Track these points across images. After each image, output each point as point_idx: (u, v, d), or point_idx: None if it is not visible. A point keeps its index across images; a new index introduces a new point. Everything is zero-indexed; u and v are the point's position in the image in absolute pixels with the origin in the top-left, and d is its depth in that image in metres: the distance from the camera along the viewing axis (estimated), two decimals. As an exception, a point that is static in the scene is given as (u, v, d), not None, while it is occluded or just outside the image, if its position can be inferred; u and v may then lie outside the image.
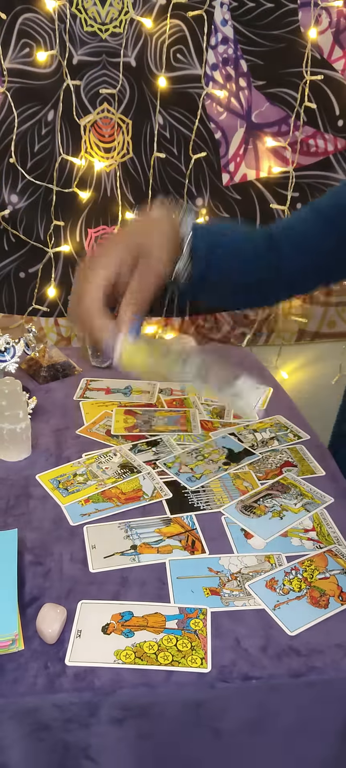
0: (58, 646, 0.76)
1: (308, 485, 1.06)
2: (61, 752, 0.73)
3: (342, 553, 0.92)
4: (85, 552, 0.91)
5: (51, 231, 1.82)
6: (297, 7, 1.71)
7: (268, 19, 1.71)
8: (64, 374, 1.45)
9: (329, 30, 1.74)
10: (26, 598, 0.83)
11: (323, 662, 0.75)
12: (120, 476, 1.08)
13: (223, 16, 1.71)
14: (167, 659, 0.75)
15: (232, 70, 1.76)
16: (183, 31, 1.70)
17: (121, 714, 0.72)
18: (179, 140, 1.79)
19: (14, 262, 1.84)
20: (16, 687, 0.72)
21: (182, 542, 0.93)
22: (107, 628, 0.78)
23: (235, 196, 1.86)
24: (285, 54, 1.75)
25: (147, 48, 1.71)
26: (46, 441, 1.19)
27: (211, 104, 1.77)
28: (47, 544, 0.93)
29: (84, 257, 0.95)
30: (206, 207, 1.85)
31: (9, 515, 0.99)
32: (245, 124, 1.80)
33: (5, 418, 1.11)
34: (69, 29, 1.67)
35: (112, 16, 1.68)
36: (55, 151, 1.76)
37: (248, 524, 0.97)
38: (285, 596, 0.84)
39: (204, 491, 1.05)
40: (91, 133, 1.77)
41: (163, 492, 1.03)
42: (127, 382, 1.42)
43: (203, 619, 0.80)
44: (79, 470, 1.11)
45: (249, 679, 0.74)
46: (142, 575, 0.87)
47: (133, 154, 1.80)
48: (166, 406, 1.32)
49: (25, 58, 1.68)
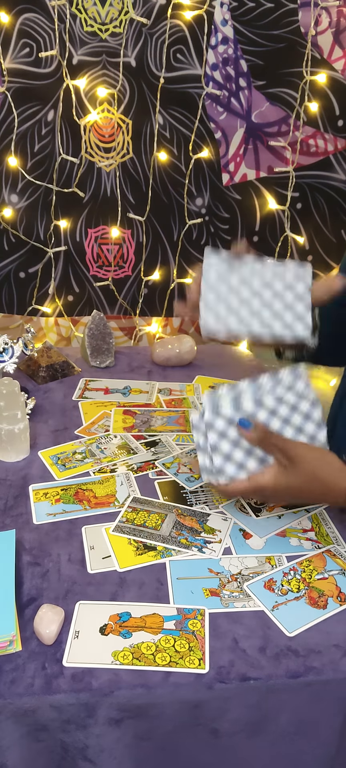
0: (56, 646, 0.76)
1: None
2: (59, 753, 0.72)
3: (341, 553, 0.92)
4: (84, 553, 0.91)
5: (51, 231, 1.82)
6: (297, 7, 1.71)
7: (268, 19, 1.71)
8: (62, 374, 1.45)
9: (329, 30, 1.74)
10: (24, 598, 0.83)
11: (321, 663, 0.75)
12: (116, 456, 1.12)
13: (223, 16, 1.71)
14: (165, 660, 0.74)
15: (232, 70, 1.75)
16: (183, 31, 1.70)
17: (118, 715, 0.72)
18: (179, 140, 1.79)
19: (14, 262, 1.84)
20: (14, 688, 0.71)
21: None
22: (105, 629, 0.78)
23: (235, 196, 1.86)
24: (285, 54, 1.75)
25: (147, 48, 1.70)
26: (45, 441, 1.19)
27: (211, 104, 1.77)
28: (45, 544, 0.93)
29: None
30: (205, 207, 1.85)
31: (7, 516, 0.99)
32: (245, 124, 1.80)
33: (3, 418, 1.11)
34: (69, 29, 1.67)
35: (112, 16, 1.68)
36: (55, 151, 1.76)
37: (247, 523, 0.97)
38: (284, 597, 0.84)
39: (203, 491, 1.05)
40: (91, 133, 1.77)
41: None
42: (126, 383, 1.42)
43: (201, 620, 0.80)
44: (79, 449, 1.14)
45: (247, 679, 0.74)
46: (141, 576, 0.87)
47: (133, 154, 1.79)
48: (165, 406, 1.32)
49: (25, 58, 1.68)
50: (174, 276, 1.89)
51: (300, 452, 0.87)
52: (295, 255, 1.91)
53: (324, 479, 0.88)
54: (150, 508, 1.00)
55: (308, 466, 0.87)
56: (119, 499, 1.02)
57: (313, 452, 0.88)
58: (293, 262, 0.94)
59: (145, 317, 1.94)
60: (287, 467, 0.87)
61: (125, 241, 1.87)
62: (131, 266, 1.90)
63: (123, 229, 1.85)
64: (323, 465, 0.88)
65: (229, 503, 1.02)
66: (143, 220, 1.84)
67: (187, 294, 0.95)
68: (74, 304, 1.91)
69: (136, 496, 1.03)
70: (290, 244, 1.90)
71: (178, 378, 1.46)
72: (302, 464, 0.86)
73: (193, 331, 1.97)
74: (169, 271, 1.90)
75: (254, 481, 0.88)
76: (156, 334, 1.95)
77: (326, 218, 1.90)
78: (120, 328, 1.95)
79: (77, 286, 1.89)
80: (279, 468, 0.87)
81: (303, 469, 0.87)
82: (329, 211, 1.89)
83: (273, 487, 0.87)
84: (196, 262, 1.90)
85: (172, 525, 0.96)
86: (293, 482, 0.87)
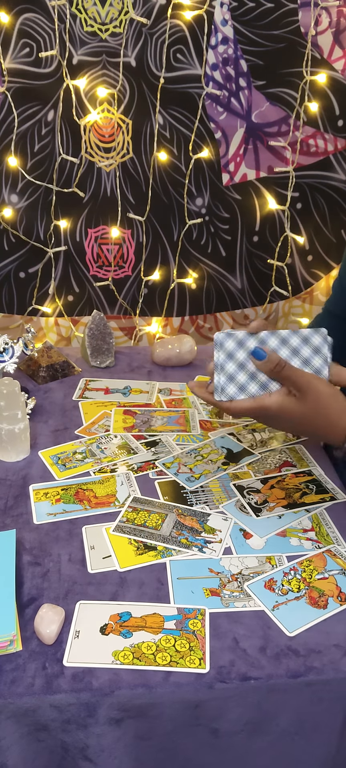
0: (57, 646, 0.76)
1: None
2: (60, 753, 0.72)
3: (341, 553, 0.92)
4: (84, 552, 0.91)
5: (51, 231, 1.82)
6: (297, 7, 1.71)
7: (268, 19, 1.71)
8: (63, 374, 1.45)
9: (329, 30, 1.74)
10: (24, 598, 0.83)
11: (321, 663, 0.75)
12: (116, 455, 1.12)
13: (223, 16, 1.71)
14: (166, 660, 0.74)
15: (232, 70, 1.75)
16: (183, 31, 1.70)
17: (119, 715, 0.72)
18: (179, 140, 1.79)
19: (14, 262, 1.84)
20: (14, 688, 0.71)
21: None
22: (105, 629, 0.78)
23: (235, 196, 1.86)
24: (285, 54, 1.74)
25: (147, 48, 1.70)
26: (45, 441, 1.19)
27: (211, 104, 1.77)
28: (46, 544, 0.93)
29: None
30: (205, 207, 1.85)
31: (7, 516, 0.99)
32: (245, 124, 1.80)
33: (4, 418, 1.11)
34: (69, 29, 1.67)
35: (112, 16, 1.68)
36: (55, 151, 1.76)
37: (247, 523, 0.97)
38: (284, 597, 0.84)
39: (203, 491, 1.05)
40: (91, 133, 1.77)
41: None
42: (126, 383, 1.42)
43: (201, 620, 0.80)
44: (79, 449, 1.14)
45: (248, 679, 0.74)
46: (142, 576, 0.87)
47: (133, 154, 1.79)
48: (165, 406, 1.32)
49: (25, 58, 1.68)
50: (174, 276, 1.89)
51: (311, 384, 0.87)
52: (295, 255, 1.91)
53: (329, 415, 0.89)
54: (150, 508, 1.00)
55: (317, 398, 0.88)
56: (119, 499, 1.02)
57: (324, 386, 0.89)
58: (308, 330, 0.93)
59: (145, 317, 1.94)
60: (296, 396, 0.88)
61: (125, 241, 1.87)
62: (131, 266, 1.89)
63: (123, 229, 1.85)
64: (332, 401, 0.89)
65: (229, 503, 1.02)
66: (143, 220, 1.84)
67: (206, 368, 0.95)
68: (74, 304, 1.91)
69: (137, 496, 1.03)
70: (290, 244, 1.90)
71: (178, 378, 1.46)
72: (312, 395, 0.88)
73: (193, 331, 1.97)
74: (169, 271, 1.90)
75: (260, 402, 0.89)
76: (156, 334, 1.95)
77: (326, 218, 1.90)
78: (120, 328, 1.95)
79: (77, 286, 1.89)
80: (288, 395, 0.88)
81: (312, 400, 0.88)
82: (329, 211, 1.89)
83: (277, 411, 0.89)
84: (196, 262, 1.90)
85: (172, 525, 0.96)
86: (298, 410, 0.88)
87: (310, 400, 0.88)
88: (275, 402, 0.88)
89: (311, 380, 0.88)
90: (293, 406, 0.88)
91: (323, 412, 0.89)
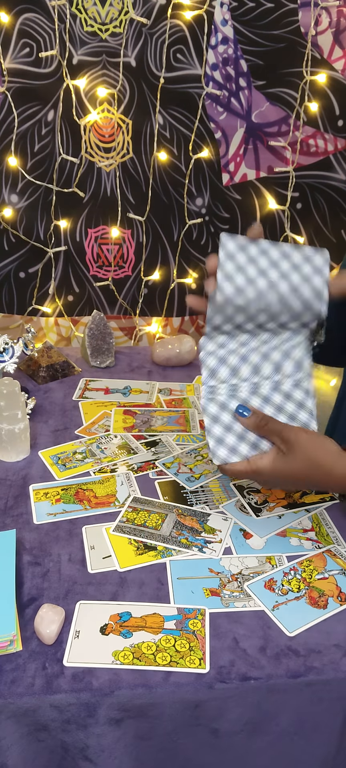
0: (57, 646, 0.76)
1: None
2: (60, 753, 0.72)
3: (341, 553, 0.92)
4: (84, 552, 0.91)
5: (51, 231, 1.82)
6: (297, 7, 1.71)
7: (268, 19, 1.71)
8: (63, 374, 1.45)
9: (329, 30, 1.74)
10: (24, 598, 0.83)
11: (321, 663, 0.75)
12: (116, 455, 1.13)
13: (223, 16, 1.71)
14: (166, 660, 0.74)
15: (232, 70, 1.75)
16: (183, 31, 1.70)
17: (119, 715, 0.72)
18: (179, 140, 1.79)
19: (14, 262, 1.84)
20: (14, 687, 0.71)
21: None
22: (105, 629, 0.78)
23: (235, 196, 1.86)
24: (285, 54, 1.74)
25: (147, 48, 1.70)
26: (45, 441, 1.19)
27: (211, 104, 1.77)
28: (46, 544, 0.93)
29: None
30: (205, 207, 1.85)
31: (7, 516, 0.99)
32: (245, 124, 1.80)
33: (4, 418, 1.11)
34: (69, 29, 1.67)
35: (112, 16, 1.68)
36: (55, 151, 1.76)
37: (247, 523, 0.97)
38: (284, 597, 0.84)
39: (203, 491, 1.05)
40: (91, 133, 1.77)
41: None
42: (126, 383, 1.42)
43: (201, 620, 0.80)
44: (79, 449, 1.15)
45: (248, 679, 0.74)
46: (142, 576, 0.87)
47: (133, 154, 1.79)
48: (165, 406, 1.32)
49: (25, 58, 1.68)
50: (174, 276, 1.89)
51: (298, 437, 0.86)
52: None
53: (323, 465, 0.87)
54: (150, 508, 1.00)
55: (306, 451, 0.86)
56: (119, 498, 1.02)
57: (311, 437, 0.88)
58: (310, 248, 0.93)
59: (145, 317, 1.94)
60: (285, 453, 0.87)
61: (125, 241, 1.87)
62: (131, 266, 1.89)
63: (123, 229, 1.85)
64: (321, 451, 0.88)
65: (229, 503, 1.02)
66: (143, 220, 1.84)
67: (206, 262, 0.92)
68: (74, 304, 1.91)
69: (137, 496, 1.03)
70: (290, 244, 1.90)
71: (178, 378, 1.46)
72: (300, 449, 0.86)
73: (193, 331, 1.97)
74: (170, 271, 1.89)
75: (254, 464, 0.88)
76: (156, 334, 1.95)
77: (326, 218, 1.90)
78: (120, 328, 1.95)
79: (77, 286, 1.89)
80: (278, 453, 0.87)
81: (301, 454, 0.86)
82: (329, 211, 1.89)
83: (271, 472, 0.87)
84: (196, 262, 1.90)
85: (172, 525, 0.96)
86: (290, 468, 0.87)
87: (299, 453, 0.86)
88: (268, 463, 0.87)
89: (296, 433, 0.86)
90: (284, 464, 0.87)
91: (315, 463, 0.87)
